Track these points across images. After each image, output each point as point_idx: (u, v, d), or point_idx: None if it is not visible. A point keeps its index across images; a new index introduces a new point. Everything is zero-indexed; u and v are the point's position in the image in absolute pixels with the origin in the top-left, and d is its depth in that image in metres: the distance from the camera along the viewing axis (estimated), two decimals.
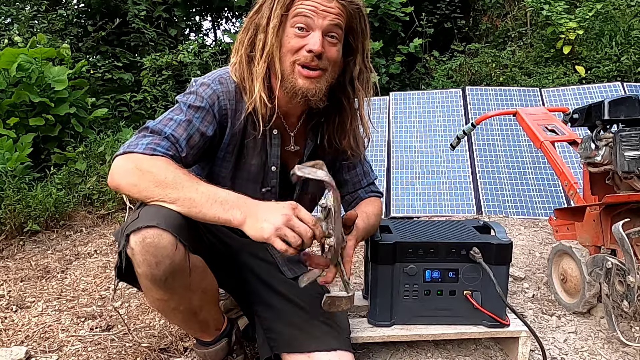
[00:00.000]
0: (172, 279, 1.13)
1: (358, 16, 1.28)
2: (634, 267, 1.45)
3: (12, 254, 2.73)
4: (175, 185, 1.11)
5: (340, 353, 1.26)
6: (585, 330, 1.69)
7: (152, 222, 1.07)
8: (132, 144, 1.18)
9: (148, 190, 1.12)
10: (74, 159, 3.71)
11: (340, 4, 1.23)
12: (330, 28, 1.22)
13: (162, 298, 1.19)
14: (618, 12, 5.22)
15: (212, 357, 1.40)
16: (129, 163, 1.16)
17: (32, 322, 1.81)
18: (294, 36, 1.22)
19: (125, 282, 1.23)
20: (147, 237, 1.06)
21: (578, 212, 1.86)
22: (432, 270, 1.43)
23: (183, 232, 1.11)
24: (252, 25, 1.28)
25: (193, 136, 1.25)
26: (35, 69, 3.68)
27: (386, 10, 5.48)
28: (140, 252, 1.07)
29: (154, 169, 1.13)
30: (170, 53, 5.28)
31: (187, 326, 1.37)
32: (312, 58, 1.22)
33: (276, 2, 1.22)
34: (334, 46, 1.25)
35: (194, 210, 1.11)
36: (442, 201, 3.44)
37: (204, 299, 1.28)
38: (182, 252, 1.11)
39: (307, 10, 1.21)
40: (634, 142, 1.61)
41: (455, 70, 5.53)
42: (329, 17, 1.22)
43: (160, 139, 1.20)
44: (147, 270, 1.09)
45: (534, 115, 2.27)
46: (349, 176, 1.54)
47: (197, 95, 1.28)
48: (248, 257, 1.44)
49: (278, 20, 1.22)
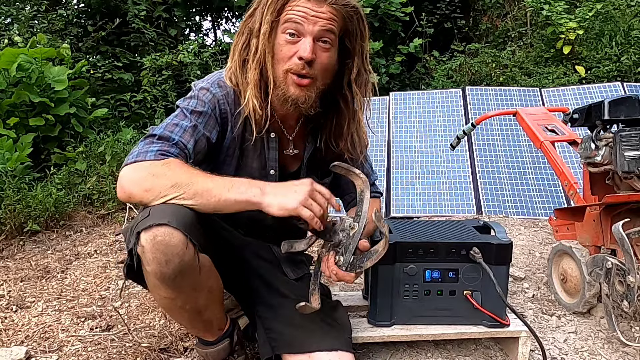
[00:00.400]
0: (181, 278, 1.13)
1: (354, 18, 1.26)
2: (634, 267, 1.45)
3: (12, 254, 2.73)
4: (191, 181, 1.13)
5: (341, 353, 1.26)
6: (585, 330, 1.69)
7: (163, 220, 1.07)
8: (141, 152, 1.18)
9: (164, 192, 1.12)
10: (74, 159, 3.71)
11: (332, 8, 1.21)
12: (321, 34, 1.21)
13: (170, 296, 1.19)
14: (618, 12, 5.22)
15: (214, 356, 1.40)
16: (139, 172, 1.15)
17: (32, 322, 1.81)
18: (285, 43, 1.22)
19: (132, 281, 1.23)
20: (158, 235, 1.07)
21: (578, 212, 1.87)
22: (432, 270, 1.43)
23: (193, 231, 1.11)
24: (246, 30, 1.28)
25: (199, 142, 1.26)
26: (35, 69, 3.68)
27: (386, 10, 5.48)
28: (151, 250, 1.08)
29: (167, 171, 1.14)
30: (170, 53, 5.28)
31: (192, 325, 1.37)
32: (303, 65, 1.21)
33: (267, 8, 1.21)
34: (326, 52, 1.24)
35: (213, 199, 1.12)
36: (442, 201, 3.44)
37: (210, 299, 1.28)
38: (192, 251, 1.12)
39: (297, 17, 1.19)
40: (634, 142, 1.61)
41: (455, 70, 5.53)
42: (320, 23, 1.20)
43: (169, 146, 1.20)
44: (157, 268, 1.09)
45: (534, 115, 2.27)
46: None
47: (199, 100, 1.28)
48: (250, 256, 1.44)
49: (269, 26, 1.21)
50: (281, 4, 1.20)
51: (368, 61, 1.34)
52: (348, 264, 1.16)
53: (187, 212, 1.12)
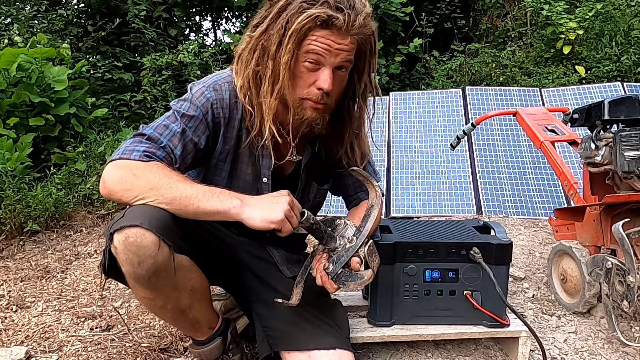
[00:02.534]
0: (156, 278, 1.13)
1: (370, 39, 1.24)
2: (634, 267, 1.45)
3: (12, 254, 2.73)
4: (170, 186, 1.13)
5: (340, 352, 1.26)
6: (585, 330, 1.69)
7: (136, 222, 1.08)
8: (127, 150, 1.18)
9: (143, 193, 1.13)
10: (74, 159, 3.71)
11: (353, 39, 1.19)
12: (341, 64, 1.21)
13: (148, 297, 1.20)
14: (618, 12, 5.22)
15: (207, 355, 1.40)
16: (122, 170, 1.15)
17: (32, 322, 1.81)
18: (305, 70, 1.20)
19: (114, 280, 1.24)
20: (130, 237, 1.07)
21: (578, 212, 1.86)
22: (432, 270, 1.43)
23: (167, 232, 1.11)
24: (258, 47, 1.22)
25: (186, 146, 1.25)
26: (35, 69, 3.68)
27: (386, 10, 5.47)
28: (123, 251, 1.09)
29: (148, 173, 1.14)
30: (170, 53, 5.27)
31: (177, 324, 1.38)
32: (322, 96, 1.21)
33: (288, 36, 1.15)
34: (341, 79, 1.25)
35: (192, 207, 1.12)
36: (442, 201, 3.44)
37: (193, 298, 1.28)
38: (166, 251, 1.12)
39: (320, 49, 1.17)
40: (634, 142, 1.61)
41: (455, 70, 5.53)
42: (342, 55, 1.19)
43: (156, 148, 1.20)
44: (130, 269, 1.10)
45: (534, 115, 2.27)
46: (351, 181, 1.54)
47: (191, 104, 1.27)
48: (246, 255, 1.44)
49: (290, 55, 1.16)
50: (304, 34, 1.15)
51: (375, 74, 1.34)
52: (335, 274, 1.17)
53: (162, 214, 1.12)
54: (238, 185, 1.38)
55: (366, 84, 1.32)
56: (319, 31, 1.16)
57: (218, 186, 1.35)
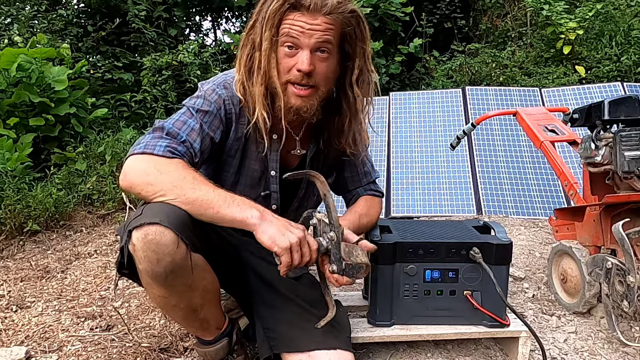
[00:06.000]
0: (173, 277, 1.14)
1: (352, 22, 1.27)
2: (634, 267, 1.45)
3: (12, 254, 2.73)
4: (193, 187, 1.14)
5: (340, 352, 1.26)
6: (585, 330, 1.69)
7: (155, 219, 1.08)
8: (149, 145, 1.19)
9: (165, 190, 1.14)
10: (74, 159, 3.71)
11: (327, 18, 1.22)
12: (318, 45, 1.23)
13: (163, 295, 1.20)
14: (618, 12, 5.22)
15: (212, 356, 1.40)
16: (146, 163, 1.17)
17: (32, 322, 1.81)
18: (284, 56, 1.24)
19: (127, 278, 1.24)
20: (149, 234, 1.08)
21: (578, 212, 1.86)
22: (432, 270, 1.43)
23: (185, 231, 1.12)
24: (249, 42, 1.29)
25: (204, 141, 1.28)
26: (35, 69, 3.67)
27: (386, 10, 5.48)
28: (142, 249, 1.09)
29: (172, 170, 1.16)
30: (170, 53, 5.27)
31: (188, 324, 1.38)
32: (302, 77, 1.24)
33: (265, 24, 1.22)
34: (325, 61, 1.26)
35: (211, 210, 1.14)
36: (442, 201, 3.44)
37: (205, 298, 1.28)
38: (184, 250, 1.13)
39: (294, 31, 1.22)
40: (634, 142, 1.61)
41: (455, 70, 5.53)
42: (316, 35, 1.22)
43: (177, 143, 1.22)
44: (148, 267, 1.10)
45: (534, 115, 2.27)
46: (350, 174, 1.57)
47: (205, 100, 1.31)
48: (250, 256, 1.45)
49: (269, 42, 1.23)
50: (278, 20, 1.22)
51: (370, 61, 1.35)
52: (342, 270, 1.19)
53: (180, 212, 1.13)
54: (245, 180, 1.41)
55: (361, 68, 1.33)
56: (291, 14, 1.22)
57: (226, 181, 1.40)
